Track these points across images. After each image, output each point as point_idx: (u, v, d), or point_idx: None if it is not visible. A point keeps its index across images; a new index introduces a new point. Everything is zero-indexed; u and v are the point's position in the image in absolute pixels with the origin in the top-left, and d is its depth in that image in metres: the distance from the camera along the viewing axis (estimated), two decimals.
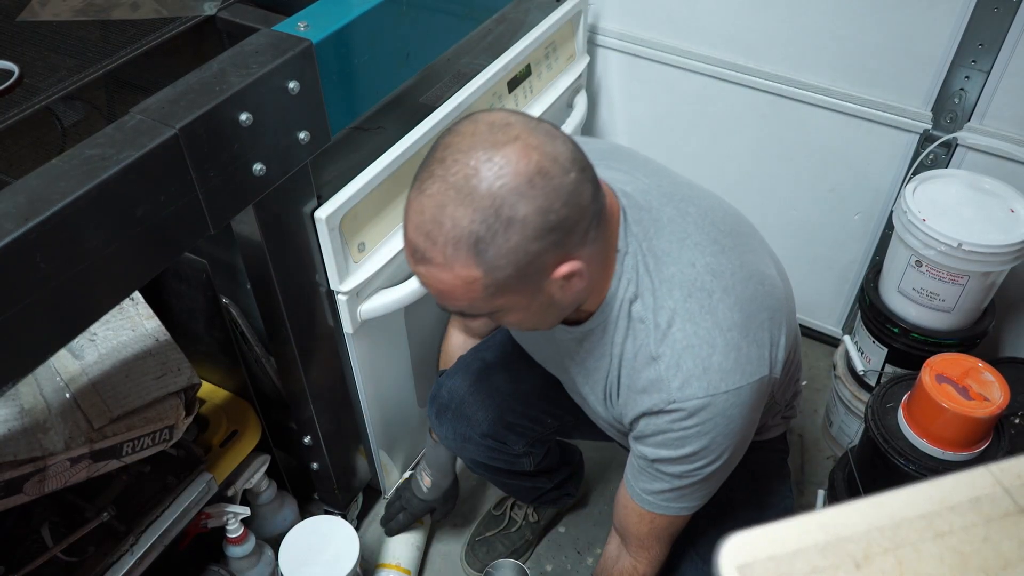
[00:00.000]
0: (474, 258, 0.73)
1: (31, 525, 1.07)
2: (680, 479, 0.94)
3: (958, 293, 1.36)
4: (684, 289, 0.87)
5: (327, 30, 0.98)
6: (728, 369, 0.86)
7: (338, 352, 1.30)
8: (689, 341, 0.86)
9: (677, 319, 0.86)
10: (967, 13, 1.34)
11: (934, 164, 1.49)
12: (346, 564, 1.32)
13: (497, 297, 0.77)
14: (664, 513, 0.99)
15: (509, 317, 0.83)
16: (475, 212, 0.71)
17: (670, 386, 0.86)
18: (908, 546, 0.36)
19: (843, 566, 0.35)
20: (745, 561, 0.36)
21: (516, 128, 0.74)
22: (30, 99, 0.92)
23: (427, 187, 0.74)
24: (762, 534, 0.36)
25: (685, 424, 0.87)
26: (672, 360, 0.86)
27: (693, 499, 0.98)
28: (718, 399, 0.86)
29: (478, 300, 0.77)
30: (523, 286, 0.77)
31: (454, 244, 0.73)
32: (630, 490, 1.01)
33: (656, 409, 0.88)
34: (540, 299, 0.80)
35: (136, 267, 0.83)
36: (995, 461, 0.39)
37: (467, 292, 0.76)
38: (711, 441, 0.88)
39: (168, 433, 1.07)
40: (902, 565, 0.35)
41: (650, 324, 0.87)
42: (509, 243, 0.73)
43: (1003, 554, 0.35)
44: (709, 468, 0.92)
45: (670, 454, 0.91)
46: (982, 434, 1.17)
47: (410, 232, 0.76)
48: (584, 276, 0.80)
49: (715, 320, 0.86)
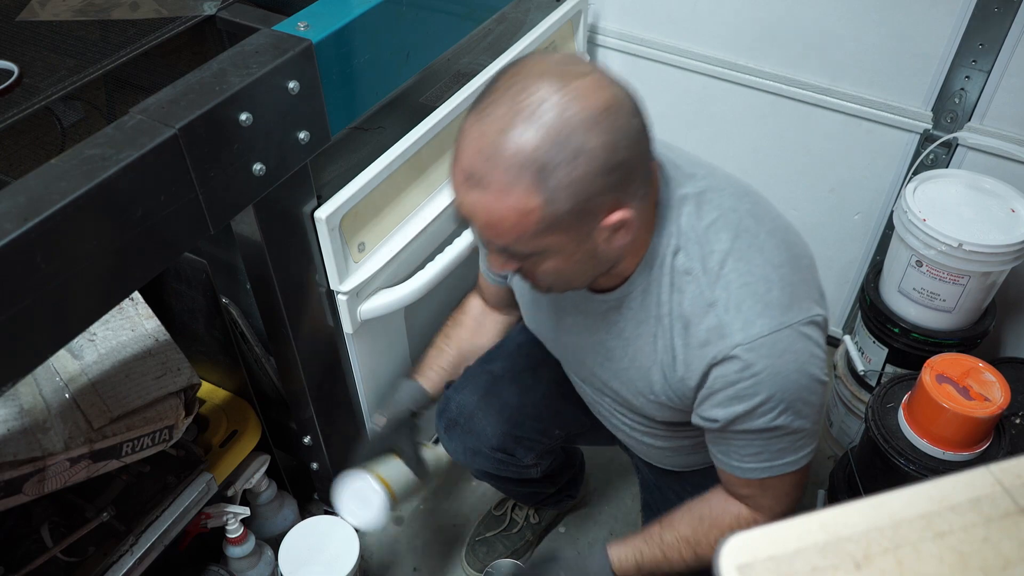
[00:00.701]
0: (535, 186, 0.71)
1: (31, 525, 1.07)
2: (764, 435, 0.88)
3: (958, 293, 1.36)
4: (730, 231, 0.85)
5: (327, 30, 0.98)
6: (787, 304, 0.83)
7: (338, 352, 1.30)
8: (744, 280, 0.83)
9: (729, 260, 0.84)
10: (967, 13, 1.33)
11: (934, 164, 1.49)
12: (346, 564, 1.32)
13: (547, 235, 0.74)
14: (769, 476, 0.92)
15: (547, 263, 0.79)
16: (543, 138, 0.69)
17: (732, 329, 0.82)
18: (908, 546, 0.36)
19: (843, 566, 0.35)
20: (745, 561, 0.36)
21: (587, 66, 0.73)
22: (30, 99, 0.92)
23: (490, 112, 0.71)
24: (762, 534, 0.36)
25: (754, 369, 0.83)
26: (730, 302, 0.83)
27: (795, 452, 0.91)
28: (782, 335, 0.82)
29: (527, 235, 0.74)
30: (574, 227, 0.75)
31: (517, 169, 0.70)
32: (727, 469, 0.95)
33: (721, 357, 0.83)
34: (585, 247, 0.78)
35: (136, 267, 0.83)
36: (995, 461, 0.39)
37: (518, 224, 0.73)
38: (782, 385, 0.83)
39: (168, 433, 1.07)
40: (902, 565, 0.35)
41: (698, 272, 0.85)
42: (573, 174, 0.71)
43: (1003, 554, 0.35)
44: (789, 417, 0.86)
45: (744, 408, 0.85)
46: (982, 434, 1.17)
47: (466, 156, 0.73)
48: (631, 229, 0.78)
49: (765, 258, 0.85)
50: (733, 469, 0.94)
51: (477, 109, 0.73)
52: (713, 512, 1.00)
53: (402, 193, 1.24)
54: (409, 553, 1.59)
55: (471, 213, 0.76)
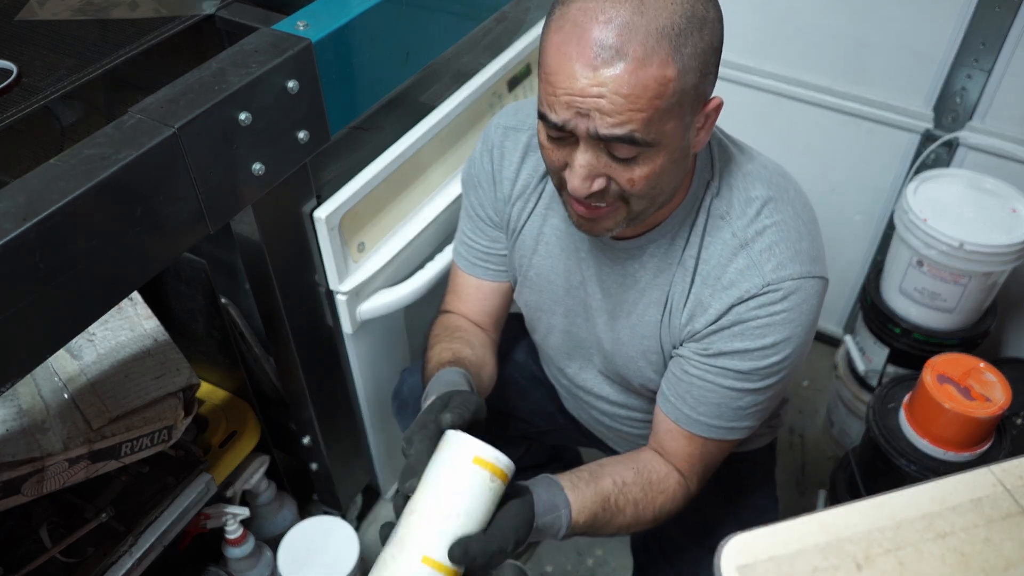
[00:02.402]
0: (671, 55, 0.71)
1: (30, 526, 1.06)
2: (738, 384, 0.89)
3: (959, 293, 1.36)
4: (764, 183, 0.90)
5: (326, 29, 0.98)
6: (814, 257, 0.88)
7: (338, 352, 1.30)
8: (779, 226, 0.87)
9: (766, 208, 0.88)
10: (969, 12, 1.33)
11: (935, 164, 1.49)
12: (346, 564, 1.32)
13: (670, 116, 0.74)
14: (712, 437, 0.94)
15: (648, 165, 0.77)
16: (675, 6, 0.71)
17: (763, 269, 0.86)
18: (909, 547, 0.35)
19: (844, 567, 0.35)
20: (746, 562, 0.36)
21: None
22: (29, 99, 0.92)
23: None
24: (763, 534, 0.36)
25: (774, 309, 0.85)
26: (764, 244, 0.86)
27: (746, 418, 0.93)
28: (807, 284, 0.86)
29: (658, 113, 0.73)
30: (688, 109, 0.76)
31: (657, 35, 0.70)
32: (674, 417, 0.94)
33: (747, 296, 0.86)
34: (683, 143, 0.78)
35: (135, 267, 0.83)
36: (997, 462, 0.39)
37: (657, 96, 0.72)
38: (791, 333, 0.86)
39: (167, 433, 1.07)
40: (903, 566, 0.35)
41: (734, 216, 0.88)
42: (699, 45, 0.73)
43: (1005, 554, 0.35)
44: (773, 368, 0.88)
45: (745, 345, 0.87)
46: (984, 434, 1.17)
47: (597, 31, 0.71)
48: (712, 124, 0.81)
49: (796, 212, 0.89)
50: (680, 418, 0.94)
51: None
52: (658, 477, 0.96)
53: (402, 193, 1.24)
54: None
55: (603, 92, 0.72)
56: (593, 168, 0.77)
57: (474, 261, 1.09)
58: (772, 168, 0.92)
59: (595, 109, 0.73)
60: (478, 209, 1.06)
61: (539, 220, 1.00)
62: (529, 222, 1.01)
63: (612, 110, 0.73)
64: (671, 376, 0.95)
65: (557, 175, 0.83)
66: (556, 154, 0.80)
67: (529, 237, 1.02)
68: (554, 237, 1.00)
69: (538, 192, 1.00)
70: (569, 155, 0.79)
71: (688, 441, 0.95)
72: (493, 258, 1.08)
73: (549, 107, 0.76)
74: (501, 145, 1.01)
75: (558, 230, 0.99)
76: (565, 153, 0.79)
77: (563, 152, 0.79)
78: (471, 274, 1.10)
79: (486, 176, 1.03)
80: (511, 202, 1.01)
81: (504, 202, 1.02)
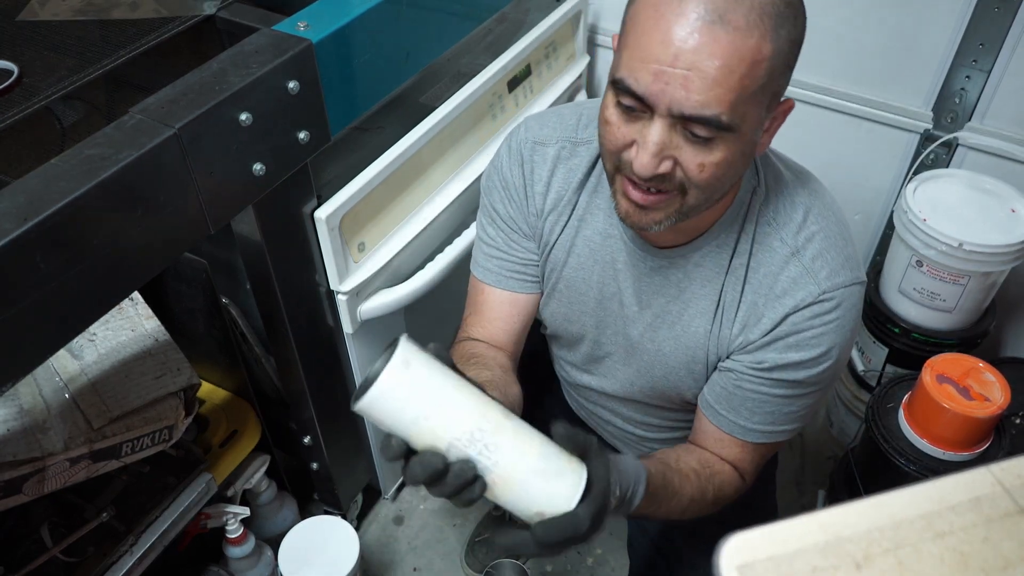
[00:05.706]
0: (770, 33, 0.70)
1: (31, 525, 1.06)
2: (791, 392, 0.90)
3: (959, 293, 1.36)
4: (806, 189, 0.90)
5: (327, 30, 0.98)
6: (857, 262, 0.88)
7: (338, 352, 1.30)
8: (826, 233, 0.87)
9: (811, 214, 0.88)
10: (968, 12, 1.33)
11: (935, 164, 1.49)
12: (346, 565, 1.32)
13: (755, 99, 0.73)
14: (767, 441, 0.94)
15: (723, 151, 0.75)
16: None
17: (817, 277, 0.85)
18: (908, 546, 0.35)
19: (843, 566, 0.35)
20: (745, 561, 0.36)
21: None
22: (29, 99, 0.92)
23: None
24: (762, 534, 0.36)
25: (828, 317, 0.86)
26: (815, 251, 0.86)
27: (797, 420, 0.94)
28: (855, 290, 0.87)
29: (748, 92, 0.71)
30: (768, 98, 0.75)
31: (759, 11, 0.69)
32: (727, 428, 0.94)
33: (803, 304, 0.86)
34: (755, 136, 0.77)
35: (135, 267, 0.83)
36: (996, 461, 0.39)
37: (751, 71, 0.70)
38: (843, 339, 0.87)
39: (167, 433, 1.07)
40: (902, 565, 0.35)
41: (781, 223, 0.88)
42: (795, 31, 0.73)
43: (1004, 554, 0.35)
44: (826, 374, 0.89)
45: (800, 356, 0.87)
46: (983, 434, 1.17)
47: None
48: (778, 127, 0.81)
49: (837, 218, 0.90)
50: (735, 429, 0.93)
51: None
52: (712, 459, 0.95)
53: (402, 193, 1.24)
54: (409, 553, 1.59)
55: (695, 62, 0.69)
56: (666, 147, 0.74)
57: (508, 275, 1.03)
58: (807, 174, 0.93)
59: (683, 81, 0.70)
60: (511, 222, 1.02)
61: (572, 232, 0.98)
62: (562, 235, 0.99)
63: (701, 86, 0.69)
64: (720, 390, 0.93)
65: (616, 155, 0.78)
66: (622, 130, 0.76)
67: (561, 250, 0.99)
68: (587, 249, 0.98)
69: (571, 204, 0.97)
70: (640, 132, 0.75)
71: (741, 448, 0.95)
72: (529, 268, 1.03)
73: (631, 74, 0.72)
74: (531, 160, 0.98)
75: (591, 242, 0.97)
76: (634, 130, 0.75)
77: (632, 128, 0.75)
78: (505, 288, 1.04)
79: (518, 189, 1.00)
80: (543, 216, 0.99)
81: (536, 216, 1.00)
